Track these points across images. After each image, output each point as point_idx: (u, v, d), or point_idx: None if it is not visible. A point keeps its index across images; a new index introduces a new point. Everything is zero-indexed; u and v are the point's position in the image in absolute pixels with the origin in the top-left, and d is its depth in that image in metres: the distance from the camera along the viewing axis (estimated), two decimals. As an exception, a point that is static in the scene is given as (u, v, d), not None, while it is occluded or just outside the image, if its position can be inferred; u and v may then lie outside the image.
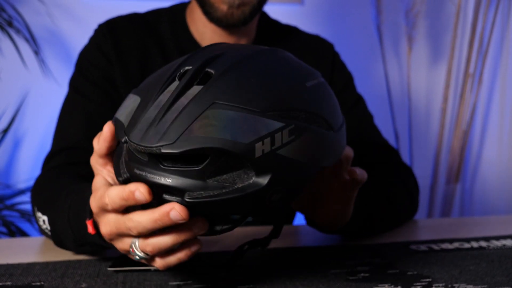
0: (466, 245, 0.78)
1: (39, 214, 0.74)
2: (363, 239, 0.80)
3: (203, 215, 0.51)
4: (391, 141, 2.07)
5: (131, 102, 0.52)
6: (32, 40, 1.72)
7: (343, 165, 0.63)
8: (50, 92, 1.81)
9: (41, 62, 1.74)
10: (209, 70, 0.51)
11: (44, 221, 0.72)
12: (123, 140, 0.50)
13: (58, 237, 0.70)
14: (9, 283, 0.62)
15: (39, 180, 0.82)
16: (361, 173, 0.64)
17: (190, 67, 0.51)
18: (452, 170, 2.13)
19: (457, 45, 2.17)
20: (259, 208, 0.50)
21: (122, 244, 0.55)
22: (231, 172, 0.48)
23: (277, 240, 0.77)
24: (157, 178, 0.48)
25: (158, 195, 0.50)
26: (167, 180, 0.48)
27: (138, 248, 0.53)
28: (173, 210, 0.48)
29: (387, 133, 2.02)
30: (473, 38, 2.07)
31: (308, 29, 1.11)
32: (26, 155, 1.86)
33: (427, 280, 0.63)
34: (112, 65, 0.92)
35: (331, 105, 0.55)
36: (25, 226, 1.72)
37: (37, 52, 1.72)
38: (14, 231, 1.65)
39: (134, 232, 0.51)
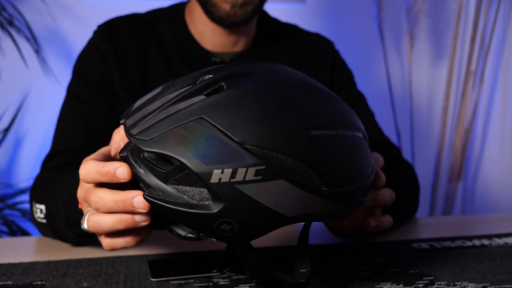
0: (468, 243, 0.78)
1: (36, 206, 0.76)
2: (365, 237, 0.80)
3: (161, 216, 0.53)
4: (393, 139, 2.07)
5: (156, 90, 0.55)
6: (33, 39, 1.72)
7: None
8: (51, 92, 1.81)
9: (42, 61, 1.74)
10: (223, 84, 0.51)
11: (41, 210, 0.74)
12: (121, 122, 0.53)
13: (53, 222, 0.72)
14: (10, 283, 0.62)
15: (37, 179, 0.83)
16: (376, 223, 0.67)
17: (212, 76, 0.52)
18: (454, 168, 2.12)
19: (459, 43, 2.17)
20: (207, 231, 0.50)
21: (83, 209, 0.57)
22: (195, 186, 0.48)
23: (279, 239, 0.77)
24: (136, 166, 0.51)
25: (136, 182, 0.52)
26: (140, 171, 0.50)
27: (86, 220, 0.55)
28: (139, 197, 0.50)
29: (388, 131, 2.01)
30: (475, 36, 2.07)
31: (310, 27, 1.11)
32: (27, 155, 1.86)
33: (429, 278, 0.63)
34: (111, 67, 0.92)
35: (339, 163, 0.51)
36: (26, 225, 1.72)
37: (38, 51, 1.72)
38: (15, 230, 1.65)
39: (93, 206, 0.53)
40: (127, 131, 0.51)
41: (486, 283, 0.61)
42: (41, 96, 1.85)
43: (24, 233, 1.67)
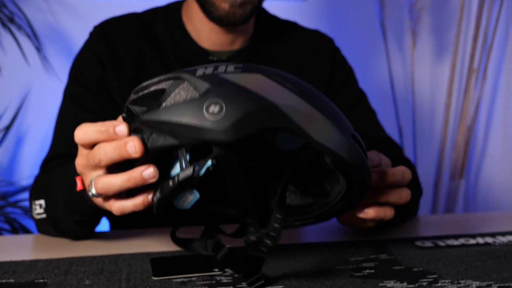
0: (472, 241, 0.77)
1: (35, 203, 0.77)
2: (368, 234, 0.80)
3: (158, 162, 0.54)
4: (395, 137, 2.06)
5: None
6: (34, 36, 1.72)
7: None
8: (52, 89, 1.81)
9: (43, 58, 1.74)
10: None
11: (40, 205, 0.75)
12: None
13: (52, 214, 0.74)
14: (12, 280, 0.61)
15: (36, 179, 0.83)
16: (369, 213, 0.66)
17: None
18: (456, 166, 2.12)
19: (461, 40, 2.16)
20: (198, 121, 0.50)
21: (86, 179, 0.59)
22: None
23: (283, 237, 0.77)
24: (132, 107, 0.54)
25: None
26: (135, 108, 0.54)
27: (93, 184, 0.56)
28: (131, 142, 0.53)
29: (390, 129, 2.01)
30: (478, 33, 2.06)
31: (311, 25, 1.11)
32: (28, 152, 1.86)
33: (433, 276, 0.63)
34: (106, 69, 0.92)
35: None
36: (28, 223, 1.72)
37: (39, 49, 1.71)
38: (17, 228, 1.65)
39: (97, 159, 0.55)
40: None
41: (490, 281, 0.61)
42: (42, 94, 1.85)
43: (26, 230, 1.66)
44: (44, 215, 0.75)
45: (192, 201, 0.57)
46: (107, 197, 0.58)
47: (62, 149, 0.88)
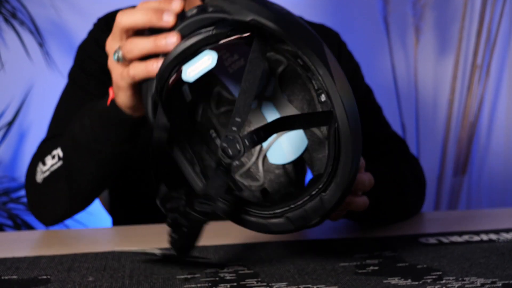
0: (476, 238, 0.77)
1: (47, 158, 0.78)
2: (372, 231, 0.80)
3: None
4: (398, 132, 2.06)
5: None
6: (36, 32, 1.71)
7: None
8: (55, 85, 1.80)
9: (46, 54, 1.74)
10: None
11: (54, 156, 0.77)
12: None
13: (70, 158, 0.75)
14: (15, 277, 0.61)
15: (41, 145, 0.85)
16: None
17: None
18: (459, 162, 2.11)
19: (465, 36, 2.15)
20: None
21: (113, 50, 0.62)
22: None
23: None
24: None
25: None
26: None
27: (119, 49, 0.61)
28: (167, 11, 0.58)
29: (393, 124, 1.99)
30: (481, 29, 2.05)
31: (315, 20, 1.10)
32: (31, 148, 1.86)
33: (437, 273, 0.63)
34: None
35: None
36: (30, 219, 1.72)
37: (41, 44, 1.71)
38: (20, 224, 1.65)
39: (127, 46, 0.59)
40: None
41: (495, 278, 0.61)
42: (44, 89, 1.84)
43: (29, 227, 1.67)
44: (58, 164, 0.76)
45: (205, 69, 0.56)
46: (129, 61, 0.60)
47: (62, 129, 0.87)
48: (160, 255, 0.65)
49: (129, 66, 0.61)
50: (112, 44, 0.63)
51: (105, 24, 0.95)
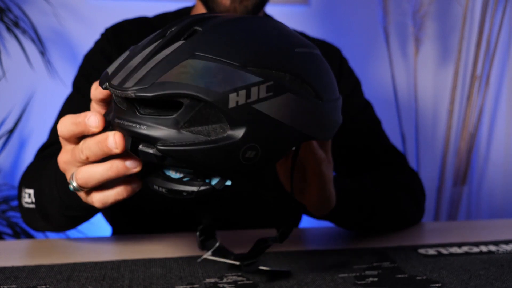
0: (475, 249, 0.77)
1: (25, 191, 0.76)
2: (371, 242, 0.80)
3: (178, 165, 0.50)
4: (398, 143, 2.06)
5: (122, 56, 0.53)
6: (38, 40, 1.72)
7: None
8: (56, 93, 1.81)
9: (47, 62, 1.74)
10: (197, 28, 0.51)
11: (29, 194, 0.75)
12: (103, 87, 0.50)
13: (43, 207, 0.73)
14: (14, 286, 0.61)
15: (30, 166, 0.83)
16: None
17: (177, 26, 0.52)
18: (459, 173, 2.11)
19: (464, 47, 2.16)
20: (233, 164, 0.48)
21: (68, 174, 0.55)
22: (207, 125, 0.47)
23: (285, 243, 0.77)
24: (133, 126, 0.48)
25: (135, 146, 0.49)
26: (142, 127, 0.48)
27: (74, 177, 0.54)
28: (111, 137, 0.49)
29: (393, 135, 2.01)
30: (481, 40, 2.06)
31: (314, 30, 1.11)
32: (31, 156, 1.86)
33: (437, 285, 0.62)
34: None
35: (322, 75, 0.53)
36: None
37: (43, 53, 1.72)
38: (19, 233, 1.65)
39: (84, 156, 0.52)
40: (118, 88, 0.47)
41: (494, 290, 0.61)
42: (46, 98, 1.85)
43: (28, 235, 1.66)
44: (32, 205, 0.75)
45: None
46: (89, 190, 0.55)
47: None
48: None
49: (92, 195, 0.55)
50: (64, 159, 0.56)
51: (112, 34, 0.95)
